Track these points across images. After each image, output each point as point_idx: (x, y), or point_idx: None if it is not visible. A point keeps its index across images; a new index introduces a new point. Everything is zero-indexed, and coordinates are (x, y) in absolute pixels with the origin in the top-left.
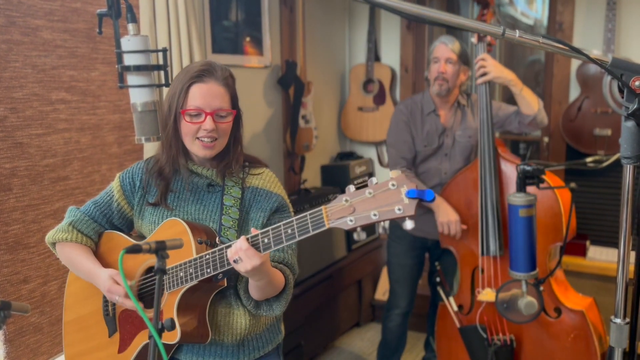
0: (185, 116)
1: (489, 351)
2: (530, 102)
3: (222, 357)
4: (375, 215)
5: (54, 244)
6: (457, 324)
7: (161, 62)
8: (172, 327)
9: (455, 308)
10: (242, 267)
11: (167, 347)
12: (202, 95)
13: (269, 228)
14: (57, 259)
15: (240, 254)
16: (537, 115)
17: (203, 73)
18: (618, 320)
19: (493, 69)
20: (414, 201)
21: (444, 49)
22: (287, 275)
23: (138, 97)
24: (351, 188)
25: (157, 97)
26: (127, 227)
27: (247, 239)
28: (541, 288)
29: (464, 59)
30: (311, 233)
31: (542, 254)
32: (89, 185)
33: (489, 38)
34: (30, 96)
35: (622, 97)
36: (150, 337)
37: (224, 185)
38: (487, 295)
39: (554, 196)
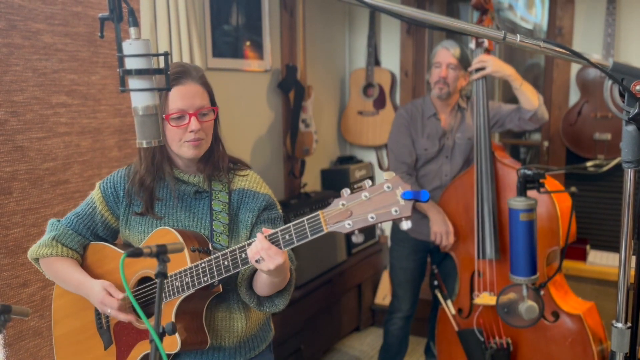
0: (170, 121)
1: (486, 354)
2: (530, 97)
3: (219, 359)
4: (372, 217)
5: (36, 259)
6: (455, 328)
7: (162, 66)
8: (174, 330)
9: (453, 311)
10: (264, 267)
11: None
12: (182, 96)
13: (267, 235)
14: None
15: (262, 254)
16: (538, 110)
17: (179, 75)
18: (619, 325)
19: (491, 63)
20: (410, 202)
21: (446, 53)
22: (291, 269)
23: (139, 100)
24: (346, 192)
25: (158, 101)
26: (112, 237)
27: (266, 238)
28: (541, 292)
29: (465, 63)
30: (309, 238)
31: (540, 259)
32: (90, 189)
33: (486, 43)
34: (31, 100)
35: (623, 102)
36: (152, 341)
37: (212, 190)
38: (484, 299)
39: (550, 200)
